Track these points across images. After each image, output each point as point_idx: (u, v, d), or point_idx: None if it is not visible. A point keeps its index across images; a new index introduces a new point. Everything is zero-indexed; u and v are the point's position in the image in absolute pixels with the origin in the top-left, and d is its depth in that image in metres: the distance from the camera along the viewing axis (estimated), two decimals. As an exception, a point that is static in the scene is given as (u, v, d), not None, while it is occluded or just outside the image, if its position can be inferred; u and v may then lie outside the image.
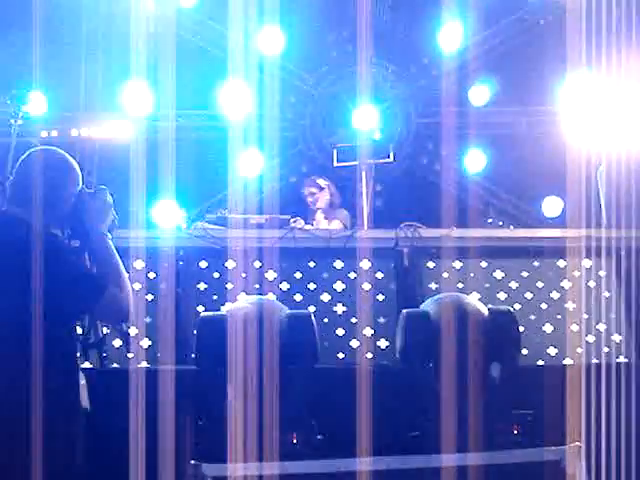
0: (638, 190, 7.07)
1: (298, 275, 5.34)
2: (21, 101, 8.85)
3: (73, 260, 3.02)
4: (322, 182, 7.84)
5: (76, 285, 2.95)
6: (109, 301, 2.97)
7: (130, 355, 3.23)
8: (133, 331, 3.26)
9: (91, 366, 3.74)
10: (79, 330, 3.28)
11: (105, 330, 3.25)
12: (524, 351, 3.78)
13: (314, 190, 7.72)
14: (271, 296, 4.96)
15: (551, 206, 8.98)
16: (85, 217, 3.08)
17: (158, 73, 8.59)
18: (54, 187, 3.11)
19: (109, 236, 3.12)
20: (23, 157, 3.21)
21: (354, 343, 4.98)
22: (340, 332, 5.03)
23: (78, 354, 3.20)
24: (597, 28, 7.25)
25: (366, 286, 5.26)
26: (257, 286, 5.19)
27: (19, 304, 2.86)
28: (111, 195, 3.21)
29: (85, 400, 3.14)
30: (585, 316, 5.17)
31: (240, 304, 3.77)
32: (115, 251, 3.10)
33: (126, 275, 3.09)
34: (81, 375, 3.10)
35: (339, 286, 5.29)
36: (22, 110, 8.55)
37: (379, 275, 5.36)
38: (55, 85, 8.99)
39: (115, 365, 3.32)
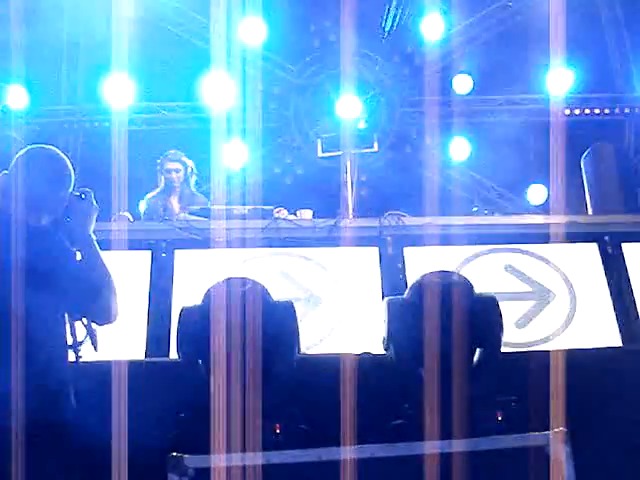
0: (621, 176, 7.09)
1: (281, 265, 5.31)
2: (1, 94, 8.79)
3: (70, 262, 3.02)
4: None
5: (73, 287, 2.95)
6: (102, 303, 3.01)
7: (97, 351, 3.21)
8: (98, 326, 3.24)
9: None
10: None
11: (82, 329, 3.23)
12: (507, 336, 3.76)
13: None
14: (252, 285, 4.93)
15: (535, 194, 9.01)
16: (74, 220, 3.09)
17: (140, 65, 8.54)
18: (51, 187, 3.12)
19: (94, 237, 3.12)
20: (21, 153, 3.20)
21: (337, 331, 4.96)
22: (323, 321, 5.01)
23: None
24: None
25: (350, 275, 5.24)
26: (240, 277, 5.15)
27: (13, 303, 2.84)
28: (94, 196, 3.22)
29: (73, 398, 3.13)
30: (570, 301, 5.17)
31: (222, 295, 3.74)
32: (101, 253, 3.11)
33: (113, 276, 3.08)
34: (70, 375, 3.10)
35: (322, 275, 5.27)
36: (2, 104, 8.48)
37: (363, 264, 5.34)
38: (37, 78, 8.93)
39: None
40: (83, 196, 3.14)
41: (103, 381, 3.59)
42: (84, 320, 3.16)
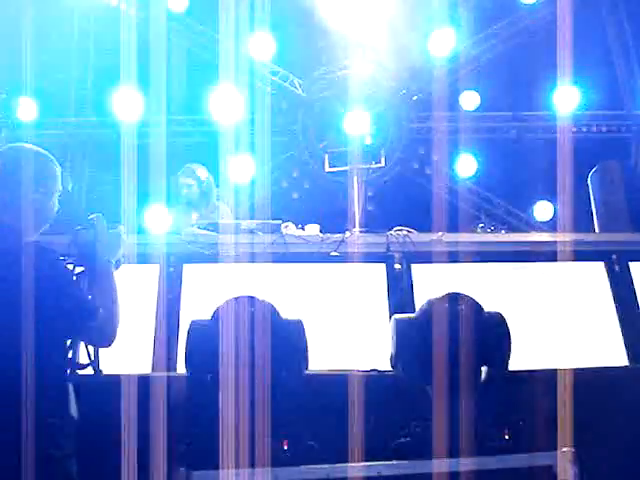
0: (629, 194, 7.10)
1: (289, 280, 5.32)
2: (11, 107, 8.83)
3: (61, 280, 2.92)
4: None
5: (65, 304, 2.88)
6: (98, 326, 2.93)
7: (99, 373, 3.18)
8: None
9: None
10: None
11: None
12: (515, 355, 3.77)
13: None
14: (261, 301, 4.94)
15: (542, 210, 9.02)
16: (97, 247, 3.07)
17: (149, 78, 8.59)
18: (35, 188, 2.98)
19: (113, 262, 3.11)
20: None
21: (345, 349, 4.96)
22: (330, 338, 5.01)
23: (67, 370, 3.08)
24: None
25: (356, 291, 5.24)
26: (248, 292, 5.16)
27: (5, 318, 2.79)
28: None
29: (75, 410, 3.09)
30: (577, 320, 5.17)
31: (230, 310, 3.76)
32: (115, 279, 3.10)
33: (120, 303, 3.06)
34: (70, 388, 3.05)
35: (329, 291, 5.27)
36: (12, 116, 8.52)
37: (370, 280, 5.34)
38: (46, 91, 8.98)
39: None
40: (112, 229, 3.15)
41: (111, 395, 3.61)
42: (80, 341, 3.09)
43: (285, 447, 3.46)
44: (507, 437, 3.61)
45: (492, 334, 3.69)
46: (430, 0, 9.05)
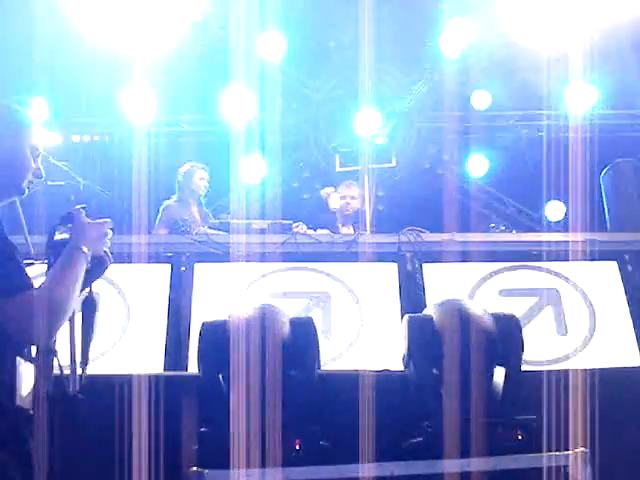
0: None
1: (299, 279, 5.32)
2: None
3: None
4: (356, 190, 7.33)
5: None
6: (11, 311, 2.36)
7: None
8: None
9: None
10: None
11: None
12: (527, 355, 3.75)
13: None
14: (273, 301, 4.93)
15: (554, 210, 8.97)
16: (71, 237, 2.57)
17: (160, 78, 8.60)
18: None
19: (85, 252, 2.54)
20: None
21: (356, 348, 4.95)
22: (342, 337, 5.00)
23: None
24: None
25: (368, 291, 5.24)
26: (259, 291, 5.17)
27: None
28: (111, 229, 2.67)
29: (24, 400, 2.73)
30: (589, 320, 5.15)
31: (242, 309, 3.75)
32: (78, 272, 2.51)
33: (69, 302, 2.45)
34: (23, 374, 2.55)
35: (341, 291, 5.26)
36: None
37: (382, 279, 5.34)
38: (57, 91, 9.00)
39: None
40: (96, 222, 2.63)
41: (123, 394, 3.62)
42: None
43: (297, 447, 3.45)
44: (520, 437, 3.60)
45: (505, 334, 3.67)
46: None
